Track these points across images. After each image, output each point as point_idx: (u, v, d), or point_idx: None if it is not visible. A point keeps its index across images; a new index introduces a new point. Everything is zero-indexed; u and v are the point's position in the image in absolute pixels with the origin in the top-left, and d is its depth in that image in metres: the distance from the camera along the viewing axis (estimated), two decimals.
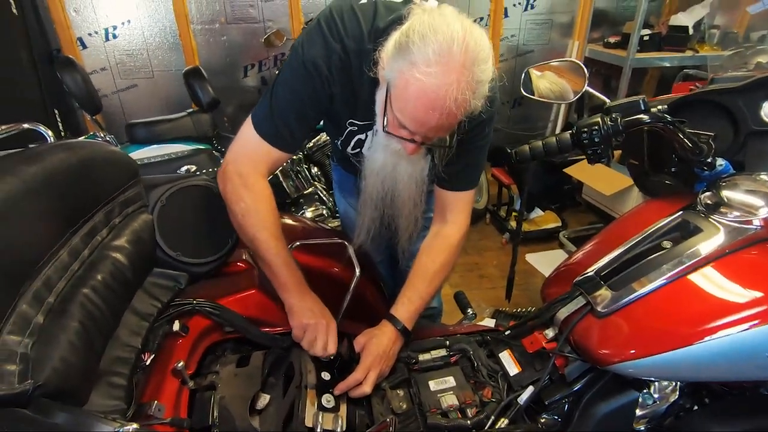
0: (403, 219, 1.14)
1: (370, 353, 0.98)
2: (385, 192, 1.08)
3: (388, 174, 1.04)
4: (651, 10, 3.27)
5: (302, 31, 1.02)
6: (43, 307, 0.62)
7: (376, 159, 1.03)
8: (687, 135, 0.93)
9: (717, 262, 0.86)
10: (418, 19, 0.81)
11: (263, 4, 2.78)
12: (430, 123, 0.84)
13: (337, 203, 1.54)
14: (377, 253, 1.52)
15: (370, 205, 1.12)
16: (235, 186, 0.98)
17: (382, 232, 1.21)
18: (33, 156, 0.72)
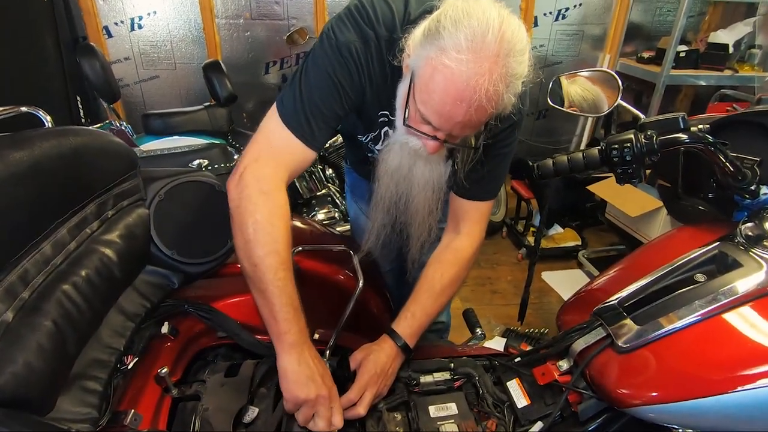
0: (416, 227, 1.07)
1: (367, 371, 0.89)
2: (398, 196, 1.00)
3: (404, 177, 0.97)
4: (689, 26, 3.15)
5: (330, 20, 0.93)
6: (15, 303, 0.58)
7: (391, 160, 0.96)
8: (729, 158, 0.85)
9: (757, 301, 0.78)
10: (451, 5, 0.74)
11: (288, 2, 2.76)
12: (456, 117, 0.76)
13: (348, 207, 1.49)
14: (386, 263, 1.46)
15: (381, 209, 1.05)
16: (251, 193, 0.82)
17: (392, 238, 1.15)
18: (21, 141, 0.68)
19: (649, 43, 3.28)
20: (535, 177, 0.94)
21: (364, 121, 1.03)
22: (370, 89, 0.91)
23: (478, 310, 1.39)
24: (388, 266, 1.48)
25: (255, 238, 0.80)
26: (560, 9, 3.10)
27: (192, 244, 0.93)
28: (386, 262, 1.46)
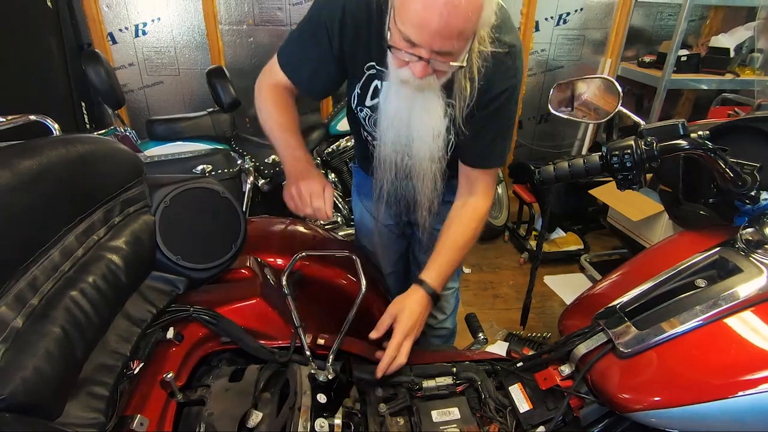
0: (421, 178, 1.11)
1: (404, 323, 0.98)
2: (401, 146, 1.07)
3: (404, 122, 1.02)
4: (690, 30, 3.16)
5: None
6: (24, 309, 0.59)
7: (389, 108, 1.02)
8: (729, 164, 0.86)
9: (758, 306, 0.78)
10: None
11: (291, 8, 2.78)
12: (431, 24, 0.78)
13: (354, 208, 1.50)
14: (388, 265, 1.48)
15: (387, 164, 1.11)
16: (256, 98, 1.15)
17: (398, 196, 1.20)
18: (30, 149, 0.69)
19: (650, 47, 3.29)
20: (536, 182, 0.95)
21: (354, 75, 1.09)
22: (357, 40, 1.00)
23: (480, 314, 1.39)
24: (391, 268, 1.49)
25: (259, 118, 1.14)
26: (561, 14, 3.12)
27: (197, 249, 0.94)
28: (389, 264, 1.48)
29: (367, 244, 1.45)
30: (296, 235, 1.38)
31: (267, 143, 2.30)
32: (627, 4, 3.04)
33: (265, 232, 1.31)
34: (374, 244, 1.43)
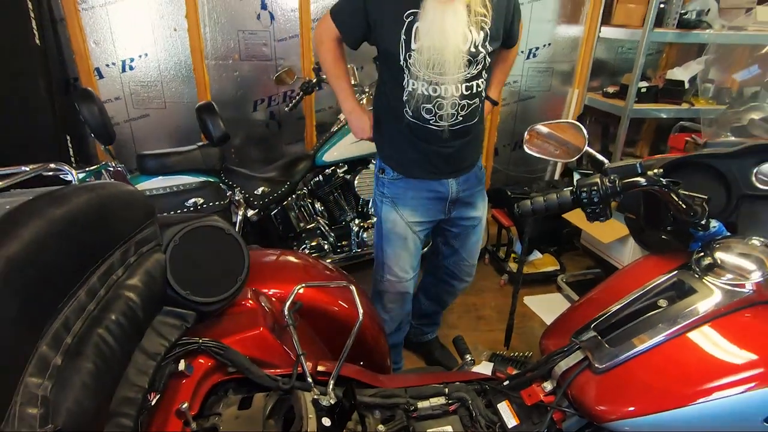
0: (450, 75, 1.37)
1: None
2: (435, 49, 1.33)
3: (437, 28, 1.30)
4: (648, 64, 3.40)
5: None
6: (62, 348, 0.65)
7: (427, 19, 1.31)
8: (682, 198, 0.98)
9: (714, 321, 0.89)
10: None
11: (276, 44, 2.90)
12: None
13: (384, 219, 1.65)
14: (412, 269, 1.69)
15: (423, 66, 1.36)
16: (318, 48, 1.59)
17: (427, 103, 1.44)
18: (59, 198, 0.76)
19: (613, 78, 3.52)
20: (517, 215, 1.05)
21: (395, 26, 1.36)
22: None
23: (465, 335, 1.47)
24: (413, 272, 1.70)
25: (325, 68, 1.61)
26: (531, 48, 3.32)
27: (204, 284, 1.00)
28: (413, 267, 1.69)
29: (394, 250, 1.63)
30: (291, 265, 1.44)
31: (255, 175, 2.38)
32: (590, 39, 3.27)
33: (261, 264, 1.37)
34: (404, 248, 1.64)
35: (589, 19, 3.23)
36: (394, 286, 1.70)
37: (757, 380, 0.81)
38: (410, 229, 1.61)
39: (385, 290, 1.73)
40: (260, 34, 2.86)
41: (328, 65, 1.58)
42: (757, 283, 0.91)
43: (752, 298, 0.91)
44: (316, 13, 2.86)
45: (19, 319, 0.57)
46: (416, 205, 1.59)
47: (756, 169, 1.08)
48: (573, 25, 3.29)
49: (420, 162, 1.54)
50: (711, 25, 2.96)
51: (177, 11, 2.71)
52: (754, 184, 1.09)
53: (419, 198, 1.58)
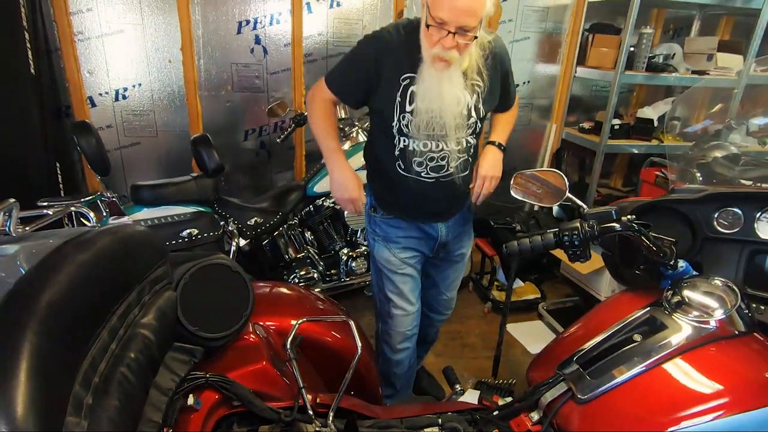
0: (449, 134, 1.43)
1: (485, 166, 1.53)
2: (432, 112, 1.38)
3: (435, 96, 1.35)
4: (621, 102, 3.62)
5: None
6: (91, 387, 0.69)
7: (424, 84, 1.36)
8: (652, 241, 1.08)
9: (681, 356, 0.98)
10: None
11: (268, 77, 2.99)
12: (459, 5, 1.19)
13: (377, 257, 1.66)
14: (409, 304, 1.67)
15: (421, 128, 1.41)
16: (309, 107, 1.56)
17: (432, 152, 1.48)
18: (85, 243, 0.81)
19: (588, 114, 3.72)
20: (504, 255, 1.14)
21: (391, 90, 1.41)
22: (391, 57, 1.38)
23: (451, 363, 1.54)
24: (417, 304, 1.69)
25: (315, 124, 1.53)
26: None
27: (212, 319, 1.05)
28: (413, 301, 1.67)
29: (395, 284, 1.64)
30: (287, 298, 1.50)
31: (248, 205, 2.43)
32: (567, 78, 3.47)
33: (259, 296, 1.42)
34: (403, 281, 1.65)
35: (565, 60, 3.44)
36: (401, 321, 1.66)
37: (724, 409, 0.89)
38: (405, 263, 1.63)
39: (394, 329, 1.68)
40: (253, 67, 2.96)
41: (316, 120, 1.52)
42: (719, 320, 1.01)
43: (716, 333, 1.01)
44: (308, 49, 2.98)
45: (61, 362, 0.62)
46: (407, 243, 1.62)
47: (716, 214, 1.20)
48: (551, 64, 3.49)
49: (410, 207, 1.57)
50: (676, 69, 3.20)
51: (172, 44, 2.78)
52: (716, 228, 1.20)
53: (410, 238, 1.62)
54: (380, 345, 1.77)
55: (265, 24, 2.87)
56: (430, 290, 1.82)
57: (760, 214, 1.14)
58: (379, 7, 3.00)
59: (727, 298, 1.03)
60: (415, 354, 1.81)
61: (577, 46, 3.35)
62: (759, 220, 1.15)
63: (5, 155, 2.36)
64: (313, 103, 1.53)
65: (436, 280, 1.80)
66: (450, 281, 1.82)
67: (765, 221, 1.15)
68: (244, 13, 2.83)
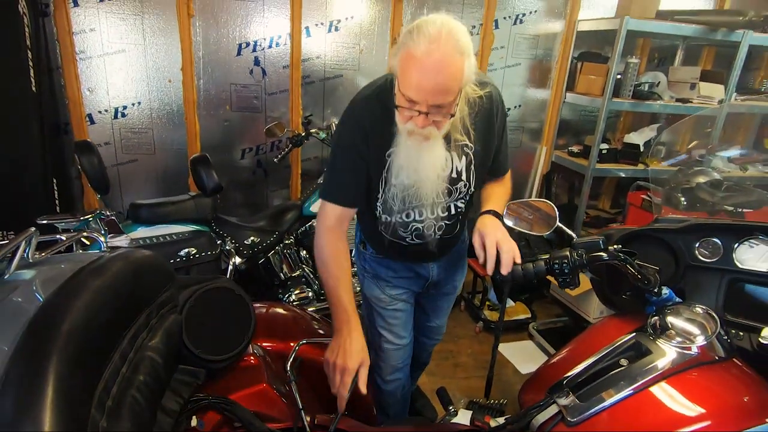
0: (426, 208, 1.35)
1: (491, 233, 1.23)
2: (410, 185, 1.28)
3: (412, 166, 1.23)
4: (608, 127, 3.74)
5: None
6: (105, 411, 0.72)
7: (400, 155, 1.23)
8: (637, 269, 1.14)
9: (666, 381, 1.03)
10: (417, 21, 1.08)
11: (266, 97, 3.06)
12: (426, 85, 1.05)
13: (369, 294, 1.62)
14: (402, 338, 1.65)
15: (397, 201, 1.33)
16: (315, 246, 1.34)
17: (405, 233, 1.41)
18: (100, 269, 0.84)
19: (578, 137, 3.83)
20: (498, 281, 1.19)
21: (378, 167, 1.29)
22: (375, 135, 1.25)
23: (443, 383, 1.57)
24: (409, 338, 1.67)
25: (317, 267, 1.33)
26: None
27: (215, 342, 1.08)
28: (406, 335, 1.65)
29: (385, 319, 1.60)
30: (285, 319, 1.53)
31: (245, 225, 2.47)
32: (556, 103, 3.58)
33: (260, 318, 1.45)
34: (393, 316, 1.60)
35: (555, 86, 3.55)
36: (392, 355, 1.63)
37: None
38: (395, 299, 1.59)
39: (385, 361, 1.66)
40: (252, 88, 3.02)
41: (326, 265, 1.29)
42: (700, 346, 1.06)
43: (698, 359, 1.06)
44: (306, 71, 3.05)
45: (81, 387, 0.65)
46: (398, 282, 1.57)
47: (698, 243, 1.27)
48: (541, 89, 3.60)
49: (400, 254, 1.51)
50: (661, 96, 3.32)
51: (173, 64, 2.84)
52: (697, 257, 1.27)
53: (400, 278, 1.57)
54: (372, 374, 1.71)
55: (264, 46, 2.95)
56: (421, 317, 1.78)
57: (738, 244, 1.21)
58: (376, 32, 3.10)
59: (707, 325, 1.09)
60: (408, 381, 1.78)
61: (566, 72, 3.47)
62: (737, 250, 1.21)
63: (4, 170, 2.38)
64: (320, 240, 1.31)
65: (427, 309, 1.77)
66: (442, 310, 1.79)
67: (743, 251, 1.22)
68: (244, 36, 2.90)
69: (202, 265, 2.06)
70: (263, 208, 3.16)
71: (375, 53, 3.14)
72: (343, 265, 1.29)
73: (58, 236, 1.00)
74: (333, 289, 1.27)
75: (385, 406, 1.77)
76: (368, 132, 1.25)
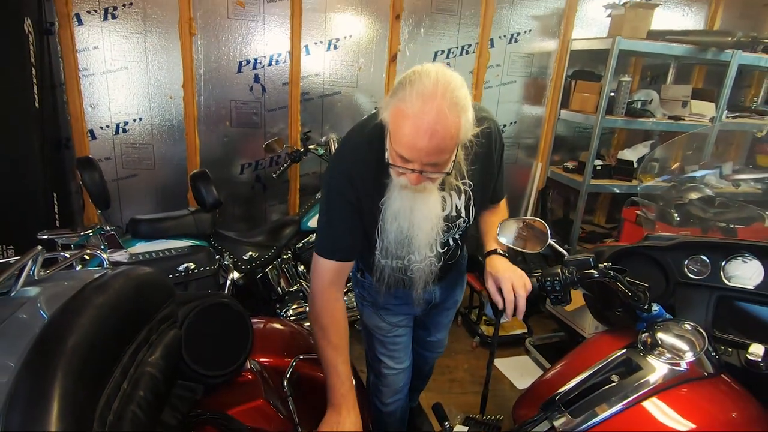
0: (419, 263, 1.31)
1: (506, 278, 1.22)
2: (403, 236, 1.23)
3: (406, 216, 1.18)
4: (603, 143, 3.80)
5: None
6: (107, 426, 0.74)
7: (393, 206, 1.18)
8: (627, 286, 1.17)
9: (655, 396, 1.05)
10: (410, 71, 1.03)
11: (266, 113, 3.11)
12: (419, 145, 0.98)
13: (368, 322, 1.59)
14: (402, 362, 1.64)
15: (390, 253, 1.29)
16: (310, 306, 1.27)
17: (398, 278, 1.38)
18: (102, 286, 0.87)
19: (572, 153, 3.89)
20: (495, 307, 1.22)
21: (372, 217, 1.23)
22: (366, 185, 1.19)
23: (440, 398, 1.58)
24: (408, 361, 1.66)
25: (312, 330, 1.26)
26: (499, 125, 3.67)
27: (213, 357, 1.09)
28: (405, 360, 1.65)
29: (385, 346, 1.58)
30: (282, 334, 1.54)
31: (243, 240, 2.49)
32: (551, 120, 3.64)
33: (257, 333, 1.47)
34: (393, 342, 1.57)
35: (550, 103, 3.62)
36: (392, 380, 1.62)
37: None
38: (396, 326, 1.57)
39: (385, 386, 1.64)
40: (251, 104, 3.07)
41: (323, 330, 1.23)
42: (689, 362, 1.09)
43: (687, 375, 1.08)
44: (305, 88, 3.11)
45: (85, 402, 0.67)
46: (398, 310, 1.54)
47: (686, 261, 1.30)
48: (536, 106, 3.66)
49: (401, 284, 1.44)
50: (654, 114, 3.38)
51: (174, 81, 2.89)
52: (686, 274, 1.30)
53: (401, 305, 1.52)
54: (371, 396, 1.74)
55: (264, 64, 3.01)
56: (421, 332, 1.75)
57: (725, 262, 1.24)
58: (374, 50, 3.16)
59: (696, 341, 1.11)
60: (406, 401, 1.77)
61: (560, 90, 3.54)
62: (724, 267, 1.24)
63: (4, 185, 2.41)
64: (316, 302, 1.24)
65: (428, 325, 1.74)
66: (442, 325, 1.77)
67: (730, 269, 1.25)
68: (244, 54, 2.96)
69: (201, 280, 2.08)
70: (262, 223, 3.19)
71: (373, 71, 3.20)
72: (341, 331, 1.24)
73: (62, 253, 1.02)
74: (331, 359, 1.20)
75: (382, 426, 1.76)
76: (358, 185, 1.19)
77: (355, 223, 1.23)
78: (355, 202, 1.20)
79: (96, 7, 2.67)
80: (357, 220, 1.23)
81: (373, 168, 1.18)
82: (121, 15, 2.72)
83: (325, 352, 1.22)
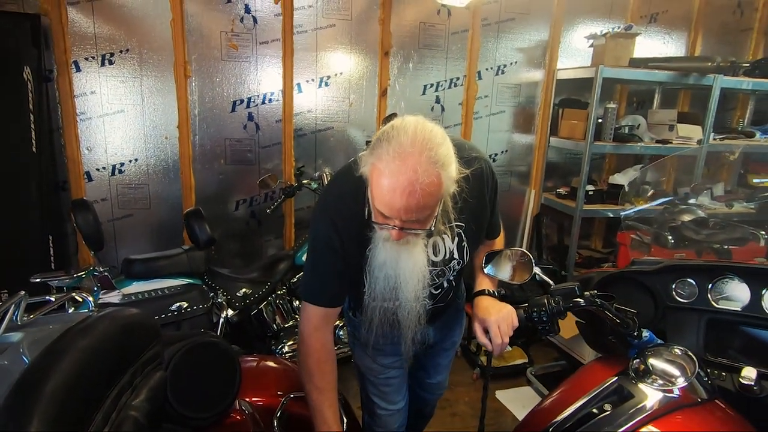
0: (406, 315, 1.28)
1: (492, 320, 1.20)
2: (389, 288, 1.20)
3: (392, 269, 1.16)
4: (594, 168, 3.84)
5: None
6: None
7: (379, 258, 1.16)
8: (614, 314, 1.17)
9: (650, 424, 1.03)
10: (388, 126, 1.01)
11: (260, 150, 3.16)
12: (398, 204, 0.97)
13: (360, 363, 1.57)
14: (399, 401, 1.60)
15: (377, 304, 1.27)
16: (298, 349, 1.27)
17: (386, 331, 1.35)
18: (86, 329, 0.87)
19: (565, 178, 3.93)
20: None
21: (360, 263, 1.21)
22: (351, 232, 1.17)
23: None
24: (403, 402, 1.61)
25: (300, 374, 1.25)
26: (491, 153, 3.71)
27: (200, 399, 1.08)
28: (400, 399, 1.60)
29: (377, 387, 1.55)
30: (272, 372, 1.53)
31: (237, 276, 2.49)
32: (542, 147, 3.70)
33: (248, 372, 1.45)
34: (386, 383, 1.54)
35: (539, 131, 3.68)
36: (387, 421, 1.58)
37: None
38: (388, 367, 1.52)
39: (380, 427, 1.60)
40: (246, 142, 3.13)
41: (310, 370, 1.22)
42: (682, 388, 1.07)
43: (680, 401, 1.07)
44: (298, 124, 3.17)
45: None
46: (391, 350, 1.49)
47: (674, 284, 1.30)
48: (526, 134, 3.73)
49: (393, 326, 1.39)
50: (642, 138, 3.44)
51: (169, 122, 2.96)
52: (675, 297, 1.30)
53: (394, 345, 1.46)
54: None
55: (257, 103, 3.08)
56: (420, 374, 1.68)
57: (711, 285, 1.24)
58: (365, 86, 3.25)
59: (687, 366, 1.10)
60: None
61: (549, 118, 3.61)
62: (711, 290, 1.24)
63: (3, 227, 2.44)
64: (304, 346, 1.24)
65: (427, 367, 1.66)
66: (441, 367, 1.69)
67: (717, 291, 1.25)
68: (238, 93, 3.04)
69: (194, 318, 2.07)
70: (258, 258, 3.19)
71: (364, 106, 3.28)
72: (328, 376, 1.23)
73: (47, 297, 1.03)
74: (317, 403, 1.20)
75: None
76: (343, 234, 1.18)
77: (340, 269, 1.21)
78: (340, 250, 1.18)
79: (94, 54, 2.76)
80: (342, 267, 1.21)
81: (357, 218, 1.16)
82: (118, 61, 2.80)
83: (311, 396, 1.21)
